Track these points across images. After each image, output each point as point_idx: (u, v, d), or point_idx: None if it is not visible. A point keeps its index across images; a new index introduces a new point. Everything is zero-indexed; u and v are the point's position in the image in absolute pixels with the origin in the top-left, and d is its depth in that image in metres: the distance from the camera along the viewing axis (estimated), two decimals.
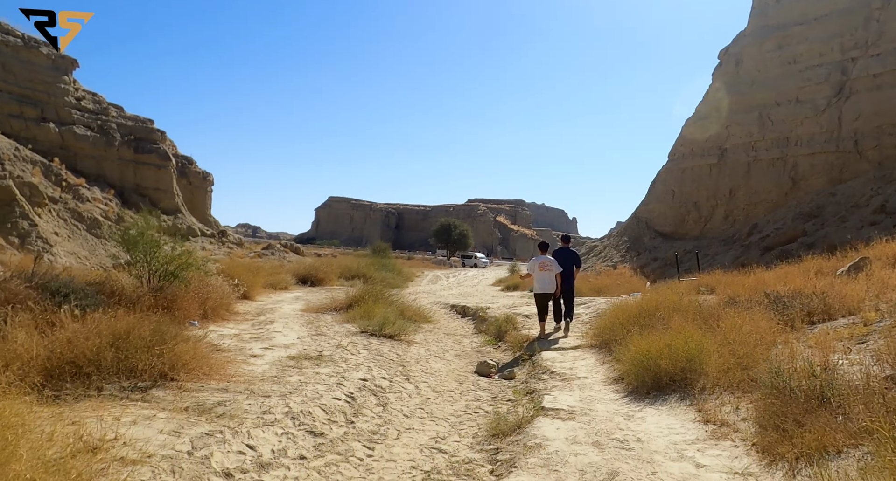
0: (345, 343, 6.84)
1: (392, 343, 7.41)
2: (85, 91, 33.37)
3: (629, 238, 25.94)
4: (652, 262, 22.67)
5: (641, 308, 6.90)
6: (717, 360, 4.60)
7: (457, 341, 8.76)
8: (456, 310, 12.88)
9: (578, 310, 9.84)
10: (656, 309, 6.71)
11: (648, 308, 6.77)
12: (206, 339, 5.43)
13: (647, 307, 6.82)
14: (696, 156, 22.37)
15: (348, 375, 5.19)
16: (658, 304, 6.89)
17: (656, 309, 6.71)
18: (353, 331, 7.81)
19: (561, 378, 5.58)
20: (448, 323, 11.01)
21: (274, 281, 14.60)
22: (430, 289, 20.66)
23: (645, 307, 6.84)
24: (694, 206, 22.45)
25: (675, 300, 7.12)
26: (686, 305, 6.72)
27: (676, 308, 6.65)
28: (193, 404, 3.78)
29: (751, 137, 20.17)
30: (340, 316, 9.19)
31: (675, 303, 6.84)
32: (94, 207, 30.09)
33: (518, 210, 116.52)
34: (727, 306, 6.53)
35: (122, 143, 34.04)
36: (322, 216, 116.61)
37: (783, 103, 19.30)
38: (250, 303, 10.65)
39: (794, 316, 5.91)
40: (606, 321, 7.12)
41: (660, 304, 6.88)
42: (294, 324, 8.14)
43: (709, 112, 22.26)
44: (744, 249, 17.75)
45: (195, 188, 44.23)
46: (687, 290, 9.88)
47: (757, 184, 19.94)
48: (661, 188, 24.38)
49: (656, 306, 6.84)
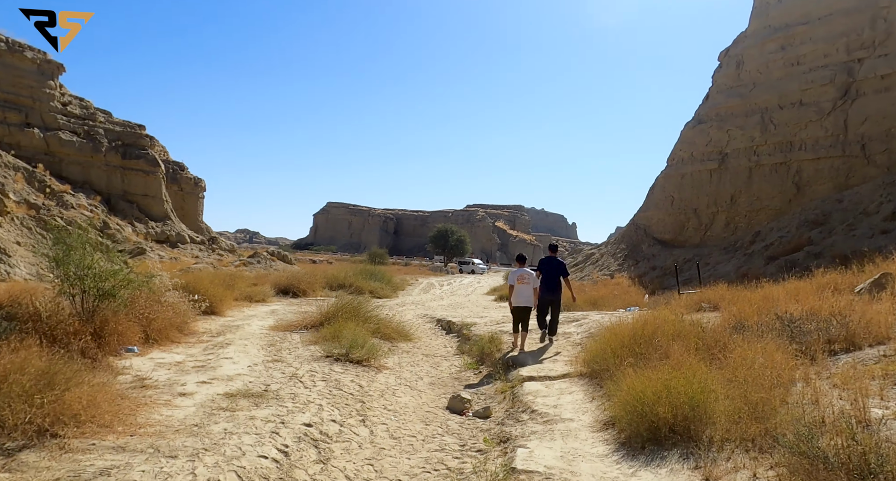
0: (302, 372, 6.04)
1: (359, 370, 6.61)
2: (71, 96, 32.74)
3: (627, 246, 25.18)
4: (650, 271, 21.89)
5: (636, 332, 6.11)
6: (727, 406, 3.81)
7: (435, 364, 7.96)
8: (441, 324, 12.09)
9: (570, 327, 9.07)
10: (653, 334, 5.92)
11: (645, 333, 5.98)
12: (126, 375, 4.64)
13: (644, 332, 6.03)
14: (695, 162, 21.66)
15: (291, 419, 4.39)
16: (655, 328, 6.10)
17: (653, 334, 5.92)
18: (318, 355, 7.01)
19: (543, 419, 4.79)
20: (430, 341, 10.22)
21: (251, 292, 13.81)
22: (421, 299, 19.87)
23: (641, 332, 6.05)
24: (694, 213, 21.71)
25: (674, 322, 6.33)
26: (687, 330, 5.92)
27: (676, 333, 5.86)
28: (67, 474, 2.98)
29: (753, 142, 19.46)
30: (311, 335, 8.40)
31: (674, 328, 6.05)
32: (77, 214, 29.33)
33: (517, 215, 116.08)
34: (734, 331, 5.74)
35: (109, 149, 33.35)
36: (320, 222, 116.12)
37: (786, 106, 18.60)
38: (216, 320, 9.85)
39: (812, 344, 5.13)
40: (598, 346, 6.33)
41: (657, 328, 6.10)
42: (252, 347, 7.34)
43: (709, 116, 21.56)
44: (746, 258, 16.98)
45: (186, 194, 43.54)
46: (688, 307, 9.11)
47: (759, 190, 19.21)
48: (660, 194, 23.64)
49: (653, 330, 6.05)
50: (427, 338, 10.49)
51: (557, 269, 8.05)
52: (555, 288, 7.94)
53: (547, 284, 7.92)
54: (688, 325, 6.15)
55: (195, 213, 44.32)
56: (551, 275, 7.93)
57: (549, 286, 7.89)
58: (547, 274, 7.97)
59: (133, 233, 32.50)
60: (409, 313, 14.65)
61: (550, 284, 7.88)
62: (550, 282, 7.90)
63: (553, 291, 7.92)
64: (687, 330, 5.93)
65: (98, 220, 30.48)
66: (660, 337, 5.81)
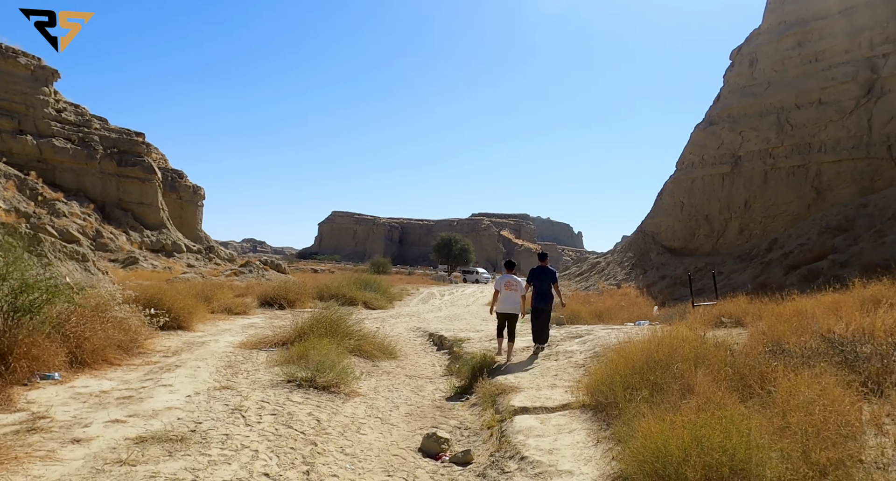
0: (249, 403, 5.06)
1: (323, 398, 5.62)
2: (66, 102, 32.35)
3: (634, 254, 24.07)
4: (659, 281, 20.76)
5: (650, 355, 5.08)
6: (781, 470, 2.79)
7: (417, 388, 6.96)
8: (434, 339, 11.09)
9: (572, 345, 8.03)
10: (671, 357, 4.90)
11: (660, 356, 4.96)
12: (23, 412, 3.69)
13: (659, 354, 5.01)
14: (706, 165, 20.61)
15: (207, 475, 3.41)
16: (673, 350, 5.08)
17: (671, 357, 4.90)
18: (278, 380, 6.03)
19: (534, 470, 3.77)
20: (417, 358, 9.21)
21: (232, 304, 12.89)
22: (417, 310, 18.86)
23: (655, 354, 5.03)
24: (705, 219, 20.62)
25: (694, 343, 5.30)
26: (712, 353, 4.89)
27: (699, 356, 4.84)
28: None
29: (768, 143, 18.41)
30: (279, 353, 7.43)
31: (696, 349, 5.02)
32: (70, 223, 28.72)
33: (522, 224, 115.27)
34: (772, 356, 4.70)
35: (104, 156, 32.85)
36: (325, 231, 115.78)
37: (804, 106, 17.57)
38: (181, 336, 8.92)
39: (876, 374, 4.09)
40: (604, 371, 5.31)
41: (675, 350, 5.07)
42: (205, 369, 6.38)
43: (720, 117, 20.55)
44: (763, 267, 15.85)
45: (185, 202, 43.00)
46: (706, 322, 8.05)
47: (775, 194, 18.11)
48: (669, 200, 22.58)
49: (670, 352, 5.03)
50: (414, 356, 9.49)
51: (548, 279, 7.79)
52: (547, 298, 7.76)
53: (539, 294, 7.74)
54: (712, 347, 5.12)
55: (194, 222, 43.75)
56: (543, 286, 7.72)
57: (541, 296, 7.72)
58: (538, 285, 7.74)
59: (127, 242, 31.85)
60: (402, 326, 13.67)
61: (542, 295, 7.72)
62: (542, 293, 7.72)
63: (545, 302, 7.74)
64: (712, 353, 4.90)
65: (91, 229, 29.87)
66: (679, 361, 4.79)
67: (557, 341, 8.62)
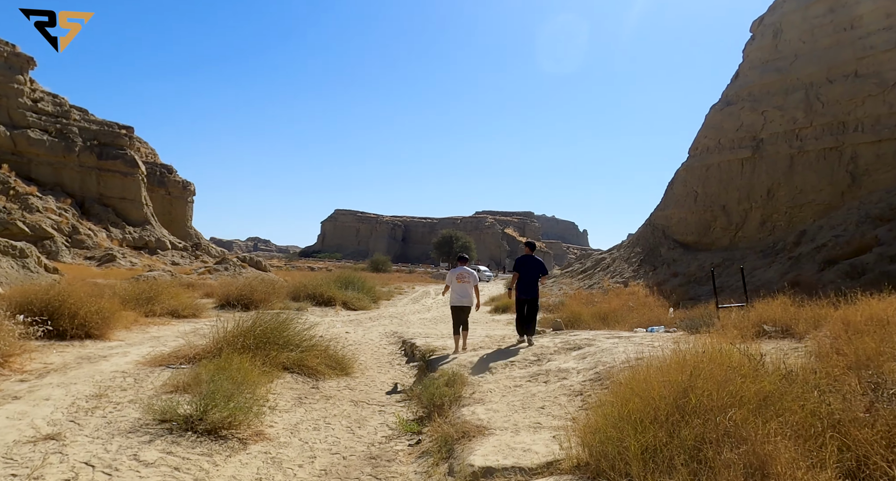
0: (61, 468, 3.30)
1: (201, 449, 3.87)
2: (44, 92, 30.88)
3: (643, 249, 22.15)
4: (671, 279, 18.85)
5: (680, 391, 3.26)
6: None
7: (358, 423, 5.18)
8: (406, 348, 9.31)
9: (568, 360, 6.24)
10: (716, 397, 3.07)
11: (700, 395, 3.13)
12: None
13: (697, 391, 3.18)
14: (724, 150, 18.66)
15: None
16: (717, 383, 3.25)
17: (716, 397, 3.07)
18: (148, 420, 4.27)
19: None
20: (377, 374, 7.43)
21: (179, 306, 11.17)
22: (403, 311, 17.10)
23: (686, 387, 3.21)
24: (722, 210, 18.67)
25: (746, 368, 3.48)
26: (784, 393, 3.06)
27: (762, 397, 3.02)
28: None
29: (794, 124, 16.45)
30: (186, 373, 5.67)
31: (752, 382, 3.19)
32: (43, 218, 27.21)
33: (527, 222, 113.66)
34: (876, 395, 2.87)
35: (83, 149, 31.34)
36: (328, 229, 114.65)
37: (837, 79, 15.58)
38: (84, 348, 7.22)
39: None
40: (610, 412, 3.49)
41: (721, 383, 3.24)
42: (50, 404, 4.65)
43: (739, 96, 18.57)
44: (793, 262, 13.93)
45: (174, 198, 41.54)
46: (741, 330, 6.20)
47: (803, 181, 16.16)
48: (681, 189, 20.64)
49: (715, 388, 3.20)
50: (375, 370, 7.72)
51: (535, 269, 7.50)
52: (533, 288, 7.52)
53: (524, 285, 7.47)
54: (779, 381, 3.27)
55: (183, 218, 42.26)
56: (529, 276, 7.45)
57: (527, 287, 7.46)
58: (524, 274, 7.46)
59: (107, 239, 30.31)
60: (377, 330, 11.92)
61: (528, 285, 7.47)
62: (528, 283, 7.47)
63: (530, 292, 7.50)
64: (784, 393, 3.06)
65: (67, 225, 28.34)
66: (731, 404, 2.97)
67: (549, 354, 6.82)
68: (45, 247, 26.01)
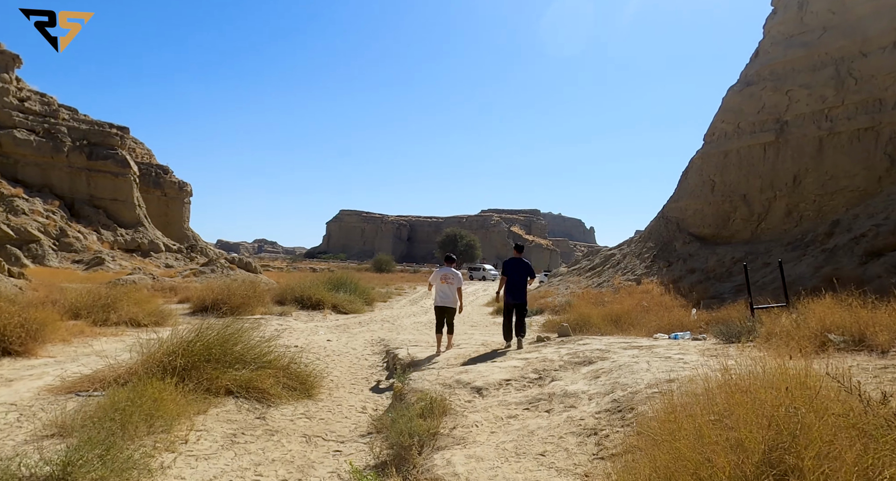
0: None
1: None
2: (30, 90, 30.02)
3: (656, 244, 20.73)
4: (688, 275, 17.44)
5: (754, 450, 1.97)
6: None
7: (304, 471, 3.95)
8: (389, 360, 8.06)
9: (576, 381, 4.96)
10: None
11: (796, 452, 1.84)
12: None
13: (791, 447, 1.89)
14: (743, 135, 17.21)
15: None
16: (824, 444, 1.96)
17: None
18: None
19: None
20: (347, 395, 6.20)
21: (139, 314, 9.99)
22: (397, 313, 15.87)
23: (772, 446, 1.91)
24: (742, 200, 17.23)
25: (852, 415, 2.19)
26: None
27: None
28: None
29: (824, 103, 14.98)
30: (96, 403, 4.46)
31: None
32: (29, 221, 26.29)
33: (533, 220, 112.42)
34: None
35: (72, 149, 30.44)
36: (333, 230, 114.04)
37: (872, 53, 14.10)
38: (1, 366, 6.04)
39: None
40: (643, 475, 2.21)
41: (828, 444, 1.95)
42: None
43: (760, 75, 17.11)
44: (827, 256, 12.49)
45: (170, 199, 40.67)
46: (799, 341, 4.88)
47: (833, 165, 14.70)
48: (697, 179, 19.20)
49: (818, 450, 1.91)
50: (347, 389, 6.49)
51: (523, 272, 7.53)
52: (521, 291, 7.50)
53: (512, 288, 7.46)
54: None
55: (180, 220, 41.38)
56: (517, 278, 7.47)
57: (515, 290, 7.45)
58: (512, 277, 7.48)
59: (97, 241, 29.36)
60: (363, 337, 10.68)
61: (516, 288, 7.45)
62: (516, 286, 7.46)
63: (519, 295, 7.48)
64: None
65: (55, 227, 27.41)
66: None
67: (554, 370, 5.55)
68: (31, 250, 25.09)
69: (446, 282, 7.58)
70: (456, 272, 7.74)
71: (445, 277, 7.62)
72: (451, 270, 7.74)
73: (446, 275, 7.63)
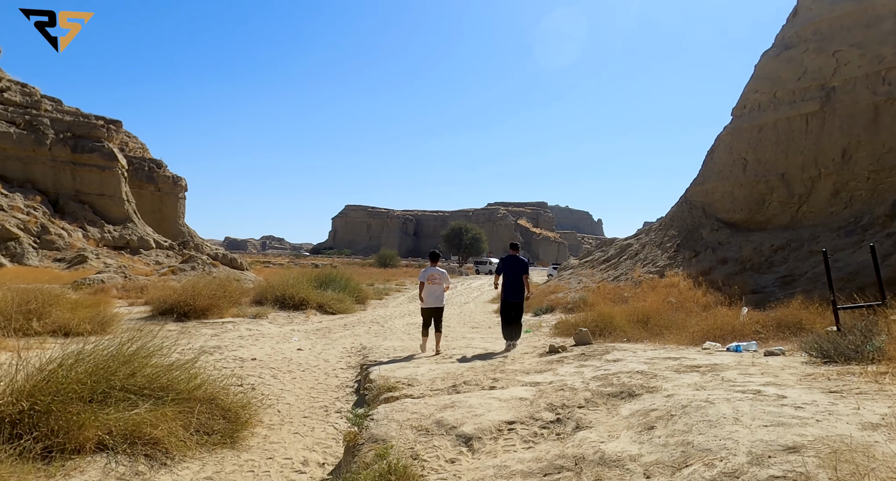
0: None
1: None
2: (10, 81, 28.58)
3: (679, 232, 18.73)
4: (719, 266, 15.51)
5: None
6: None
7: None
8: (362, 378, 6.33)
9: (621, 438, 3.13)
10: None
11: None
12: None
13: None
14: (781, 106, 15.15)
15: None
16: None
17: None
18: None
19: None
20: (291, 438, 4.48)
21: (70, 320, 8.37)
22: (393, 313, 14.16)
23: None
24: (780, 180, 15.20)
25: None
26: None
27: None
28: None
29: (880, 64, 12.90)
30: None
31: None
32: (9, 218, 24.93)
33: (540, 213, 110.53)
34: None
35: (56, 142, 28.98)
36: (339, 225, 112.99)
37: None
38: None
39: None
40: None
41: None
42: None
43: (801, 36, 15.01)
44: (895, 242, 10.54)
45: (165, 195, 39.28)
46: None
47: (892, 136, 12.66)
48: (726, 158, 17.17)
49: None
50: (296, 425, 4.78)
51: (520, 270, 7.28)
52: (518, 290, 7.25)
53: (509, 287, 7.24)
54: None
55: (175, 215, 40.02)
56: (514, 277, 7.24)
57: (512, 289, 7.23)
58: (509, 275, 7.27)
59: (82, 239, 27.96)
60: (343, 345, 8.97)
61: (513, 287, 7.22)
62: (513, 285, 7.23)
63: (516, 295, 7.25)
64: None
65: (36, 224, 26.03)
66: None
67: (576, 405, 3.78)
68: (10, 248, 23.74)
69: (434, 282, 7.35)
70: (442, 270, 7.54)
71: (432, 277, 7.41)
72: (437, 269, 7.51)
73: (433, 276, 7.42)
